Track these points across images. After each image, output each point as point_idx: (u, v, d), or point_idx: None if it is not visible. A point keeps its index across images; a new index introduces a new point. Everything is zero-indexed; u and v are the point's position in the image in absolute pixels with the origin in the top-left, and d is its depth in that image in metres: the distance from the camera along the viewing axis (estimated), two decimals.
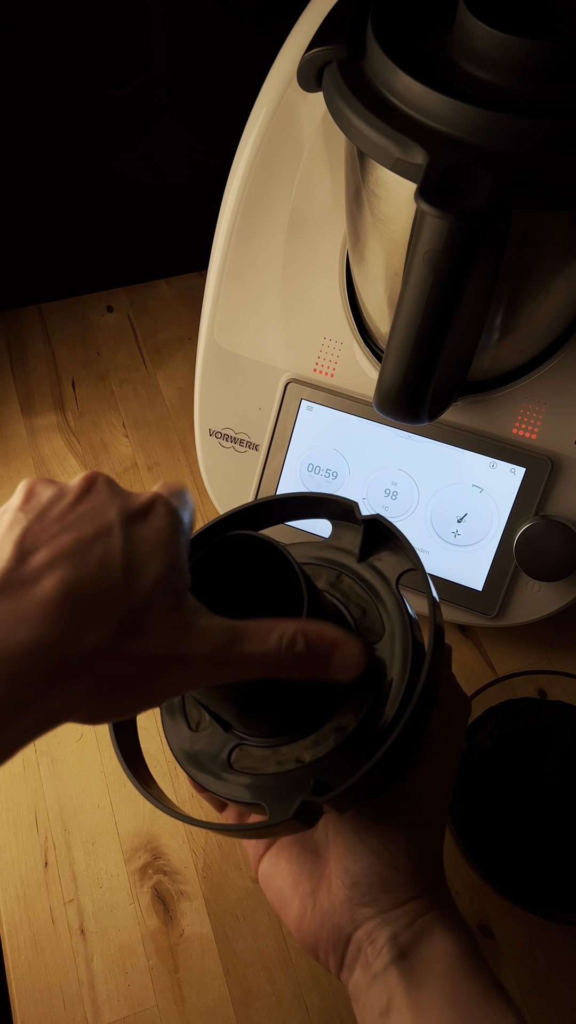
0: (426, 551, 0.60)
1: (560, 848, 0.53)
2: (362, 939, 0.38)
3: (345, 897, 0.38)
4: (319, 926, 0.39)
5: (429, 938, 0.38)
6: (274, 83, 0.54)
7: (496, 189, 0.35)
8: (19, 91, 0.71)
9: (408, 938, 0.38)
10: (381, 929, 0.38)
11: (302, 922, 0.39)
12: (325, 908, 0.39)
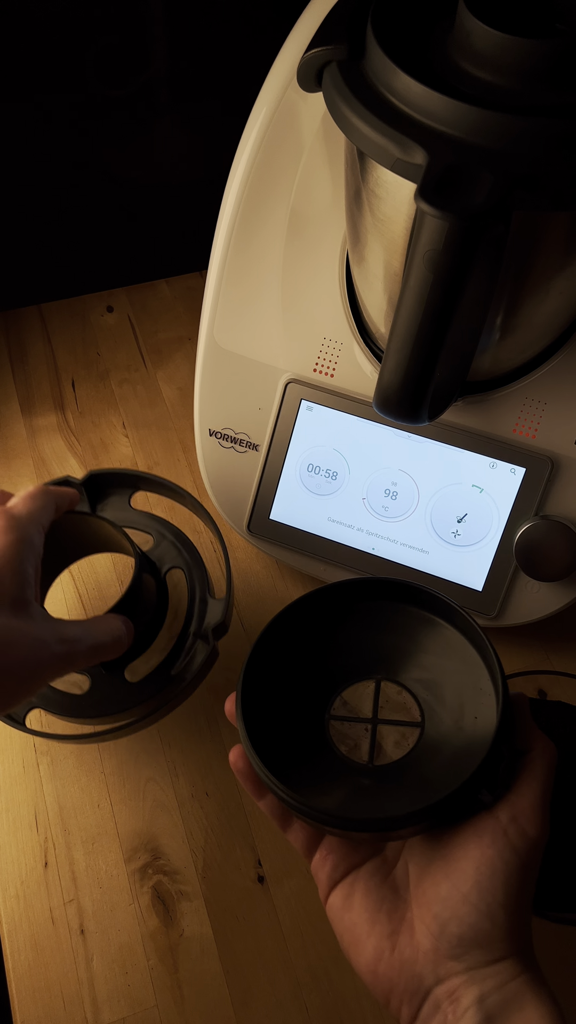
0: (426, 551, 0.60)
1: (560, 848, 0.53)
2: (442, 996, 0.35)
3: (431, 947, 0.36)
4: (396, 973, 0.36)
5: (520, 1008, 0.35)
6: (274, 83, 0.54)
7: (496, 189, 0.35)
8: (19, 91, 0.71)
9: (497, 1003, 0.35)
10: (467, 988, 0.35)
11: (377, 965, 0.37)
12: (406, 955, 0.36)
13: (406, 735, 0.46)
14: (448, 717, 0.46)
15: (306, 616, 0.48)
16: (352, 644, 0.48)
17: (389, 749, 0.45)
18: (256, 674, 0.45)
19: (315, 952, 0.52)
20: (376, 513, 0.61)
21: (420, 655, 0.48)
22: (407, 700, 0.47)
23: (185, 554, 0.62)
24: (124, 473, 0.63)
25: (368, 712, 0.47)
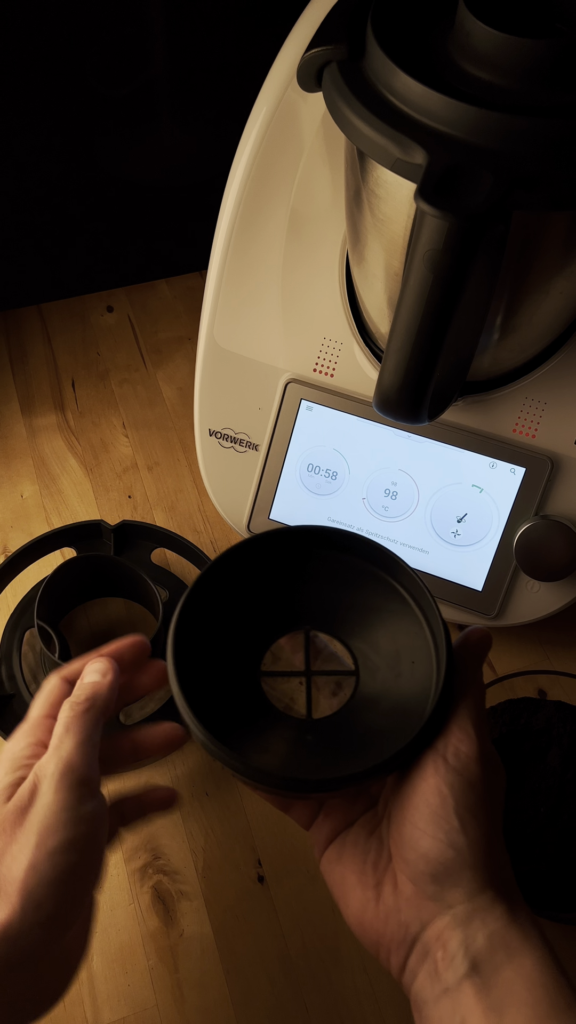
0: (426, 551, 0.60)
1: (560, 848, 0.53)
2: (431, 941, 0.35)
3: (411, 892, 0.36)
4: (383, 923, 0.37)
5: (508, 955, 0.34)
6: (274, 83, 0.54)
7: (496, 189, 0.35)
8: (20, 91, 0.71)
9: (484, 948, 0.34)
10: (452, 931, 0.35)
11: (363, 916, 0.37)
12: (390, 904, 0.37)
13: (341, 684, 0.44)
14: (384, 664, 0.44)
15: (232, 572, 0.45)
16: (279, 596, 0.46)
17: (325, 701, 0.44)
18: (187, 639, 0.42)
19: (315, 952, 0.52)
20: (376, 513, 0.61)
21: (350, 603, 0.46)
22: (339, 649, 0.45)
23: None
24: (153, 528, 0.66)
25: (300, 665, 0.45)
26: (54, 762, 0.37)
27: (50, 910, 0.35)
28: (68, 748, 0.37)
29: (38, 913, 0.34)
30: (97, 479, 0.73)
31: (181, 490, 0.73)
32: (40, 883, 0.35)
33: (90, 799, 0.36)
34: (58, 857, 0.35)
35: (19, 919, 0.34)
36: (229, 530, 0.70)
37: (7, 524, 0.70)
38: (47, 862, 0.35)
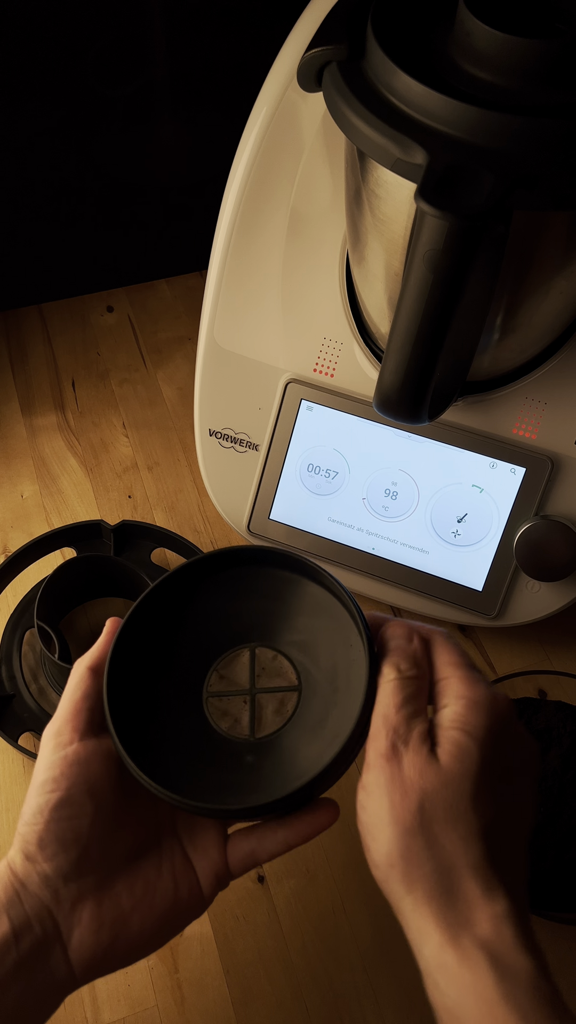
0: (426, 551, 0.60)
1: (560, 848, 0.53)
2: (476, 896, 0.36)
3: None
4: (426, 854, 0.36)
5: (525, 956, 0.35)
6: (274, 83, 0.54)
7: (496, 189, 0.35)
8: (19, 91, 0.71)
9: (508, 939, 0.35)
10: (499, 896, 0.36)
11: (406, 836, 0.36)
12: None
13: (285, 701, 0.44)
14: (323, 678, 0.44)
15: (169, 599, 0.45)
16: (222, 615, 0.46)
17: (269, 718, 0.44)
18: (126, 658, 0.42)
19: (315, 952, 0.52)
20: (376, 513, 0.61)
21: (291, 617, 0.46)
22: (283, 664, 0.45)
23: None
24: (153, 528, 0.66)
25: (246, 683, 0.45)
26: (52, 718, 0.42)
27: (32, 846, 0.38)
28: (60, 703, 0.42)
29: (26, 847, 0.38)
30: (97, 479, 0.73)
31: (181, 490, 0.73)
32: (23, 820, 0.39)
33: (64, 746, 0.40)
34: (33, 797, 0.39)
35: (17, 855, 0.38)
36: (229, 530, 0.70)
37: (7, 524, 0.70)
38: (26, 802, 0.39)
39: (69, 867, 0.38)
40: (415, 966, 0.52)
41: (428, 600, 0.61)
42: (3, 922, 0.37)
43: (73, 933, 0.38)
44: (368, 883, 0.55)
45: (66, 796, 0.39)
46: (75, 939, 0.38)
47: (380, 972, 0.52)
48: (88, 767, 0.39)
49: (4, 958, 0.36)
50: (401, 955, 0.52)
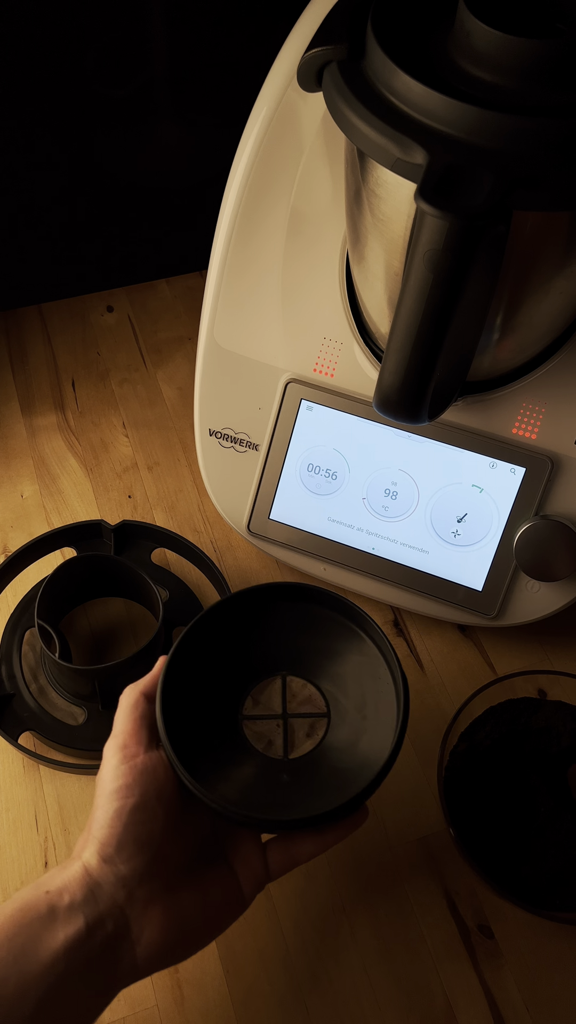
0: (426, 551, 0.60)
1: (560, 848, 0.53)
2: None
3: None
4: None
5: None
6: (274, 83, 0.54)
7: (496, 189, 0.35)
8: (19, 91, 0.71)
9: None
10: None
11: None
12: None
13: (315, 726, 0.49)
14: (351, 706, 0.49)
15: (212, 628, 0.50)
16: (258, 645, 0.51)
17: (301, 741, 0.48)
18: (175, 684, 0.47)
19: (315, 952, 0.52)
20: (376, 513, 0.61)
21: (319, 649, 0.50)
22: (312, 693, 0.50)
23: (194, 613, 0.64)
24: (153, 528, 0.66)
25: (278, 708, 0.50)
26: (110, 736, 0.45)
27: (111, 848, 0.41)
28: (115, 723, 0.46)
29: (103, 849, 0.41)
30: (97, 479, 0.73)
31: (181, 490, 0.73)
32: (99, 824, 0.42)
33: (131, 757, 0.43)
34: (108, 803, 0.42)
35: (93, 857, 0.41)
36: (229, 530, 0.70)
37: (7, 524, 0.70)
38: (100, 808, 0.42)
39: (144, 868, 0.41)
40: (415, 966, 0.52)
41: (428, 600, 0.61)
42: (78, 920, 0.39)
43: (144, 931, 0.41)
44: (368, 883, 0.55)
45: (140, 801, 0.42)
46: (145, 937, 0.41)
47: (380, 972, 0.52)
48: (155, 775, 0.43)
49: (77, 953, 0.39)
50: (401, 955, 0.52)
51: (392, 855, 0.56)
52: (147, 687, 0.47)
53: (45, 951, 0.38)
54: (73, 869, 0.41)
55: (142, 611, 0.66)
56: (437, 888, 0.55)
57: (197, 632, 0.49)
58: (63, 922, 0.39)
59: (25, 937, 0.38)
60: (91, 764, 0.58)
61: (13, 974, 0.38)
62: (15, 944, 0.38)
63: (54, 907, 0.39)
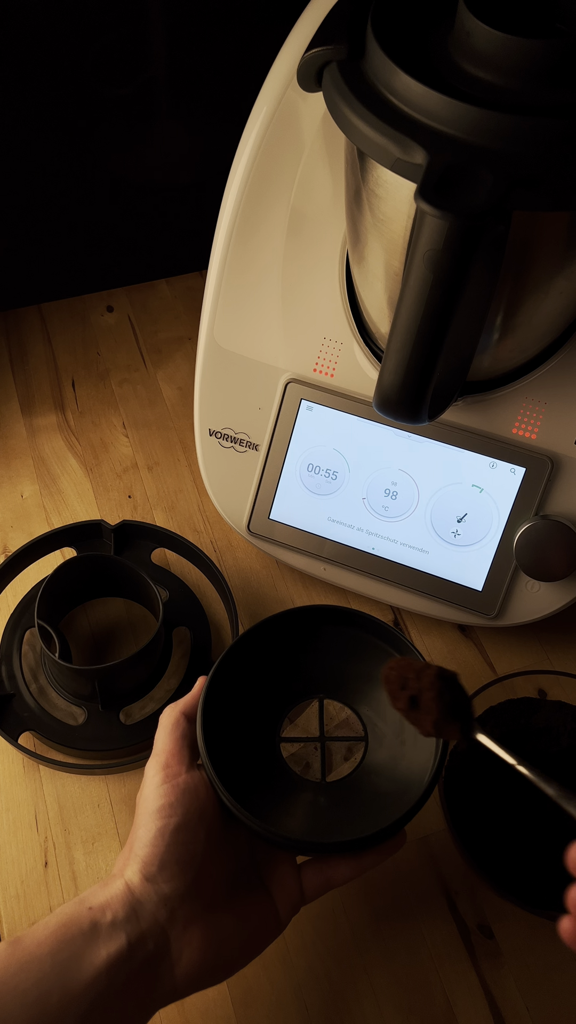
0: (426, 551, 0.60)
1: (560, 848, 0.53)
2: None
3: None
4: None
5: None
6: (274, 83, 0.54)
7: (496, 189, 0.35)
8: (19, 91, 0.71)
9: None
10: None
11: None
12: None
13: (352, 749, 0.49)
14: (389, 731, 0.49)
15: (255, 646, 0.50)
16: (297, 667, 0.51)
17: (338, 764, 0.48)
18: (214, 705, 0.47)
19: (315, 952, 0.52)
20: (376, 513, 0.61)
21: (357, 673, 0.50)
22: (349, 716, 0.50)
23: (194, 614, 0.64)
24: (153, 528, 0.66)
25: (315, 731, 0.50)
26: (151, 755, 0.46)
27: (153, 867, 0.41)
28: (156, 742, 0.46)
29: (145, 868, 0.41)
30: (97, 479, 0.73)
31: (181, 490, 0.73)
32: (142, 843, 0.42)
33: (173, 776, 0.44)
34: (151, 822, 0.42)
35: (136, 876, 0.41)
36: (229, 530, 0.70)
37: (7, 524, 0.70)
38: (143, 826, 0.42)
39: (185, 888, 0.41)
40: (415, 966, 0.52)
41: (428, 600, 0.61)
42: (120, 938, 0.39)
43: (184, 951, 0.41)
44: (368, 883, 0.55)
45: (183, 821, 0.42)
46: (185, 957, 0.41)
47: (380, 972, 0.52)
48: (197, 795, 0.43)
49: (119, 972, 0.39)
50: (401, 955, 0.52)
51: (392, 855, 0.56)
52: (187, 707, 0.47)
53: (88, 967, 0.38)
54: (115, 886, 0.41)
55: (142, 611, 0.66)
56: (437, 888, 0.55)
57: (238, 652, 0.49)
58: (105, 939, 0.39)
59: (69, 952, 0.39)
60: (91, 764, 0.58)
61: (57, 989, 0.38)
62: (59, 959, 0.38)
63: (96, 923, 0.39)
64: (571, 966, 0.52)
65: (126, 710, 0.60)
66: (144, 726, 0.59)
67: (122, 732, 0.59)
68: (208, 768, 0.44)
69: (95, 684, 0.58)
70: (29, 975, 0.38)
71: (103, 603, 0.66)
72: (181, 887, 0.41)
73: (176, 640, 0.64)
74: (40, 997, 0.37)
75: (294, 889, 0.45)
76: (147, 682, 0.61)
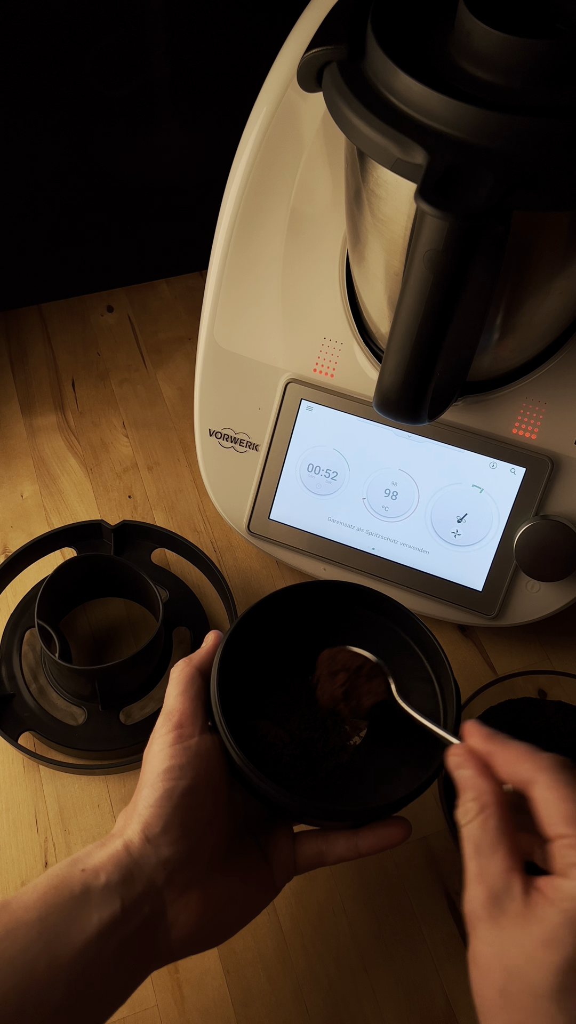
0: (426, 551, 0.60)
1: None
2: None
3: None
4: None
5: None
6: (274, 83, 0.54)
7: (496, 189, 0.35)
8: (19, 91, 0.71)
9: None
10: None
11: None
12: None
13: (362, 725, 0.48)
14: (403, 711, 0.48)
15: (278, 611, 0.49)
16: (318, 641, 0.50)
17: (350, 738, 0.47)
18: (230, 665, 0.46)
19: (315, 952, 0.52)
20: (376, 513, 0.61)
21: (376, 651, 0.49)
22: None
23: (194, 613, 0.63)
24: (153, 528, 0.66)
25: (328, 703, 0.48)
26: (162, 711, 0.44)
27: (156, 828, 0.40)
28: (169, 699, 0.44)
29: (148, 828, 0.40)
30: (97, 479, 0.73)
31: (181, 490, 0.73)
32: (146, 803, 0.41)
33: (186, 738, 0.42)
34: (159, 782, 0.41)
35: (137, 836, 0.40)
36: (229, 530, 0.70)
37: (7, 524, 0.70)
38: (149, 786, 0.41)
39: (187, 853, 0.40)
40: (415, 966, 0.52)
41: (428, 600, 0.61)
42: (114, 902, 0.38)
43: (180, 916, 0.40)
44: (368, 883, 0.55)
45: (192, 785, 0.41)
46: (180, 922, 0.40)
47: (380, 972, 0.52)
48: (208, 760, 0.42)
49: (111, 937, 0.38)
50: (401, 955, 0.52)
51: (392, 855, 0.56)
52: (202, 663, 0.46)
53: (78, 933, 0.37)
54: (112, 847, 0.40)
55: (142, 611, 0.66)
56: (437, 888, 0.55)
57: (261, 611, 0.48)
58: (98, 904, 0.38)
59: (58, 918, 0.37)
60: (91, 764, 0.58)
61: (45, 956, 0.37)
62: (47, 925, 0.37)
63: (89, 887, 0.38)
64: None
65: (126, 710, 0.60)
66: (144, 726, 0.59)
67: (122, 732, 0.59)
68: (223, 729, 0.43)
69: (95, 684, 0.58)
70: (15, 942, 0.37)
71: (103, 603, 0.66)
72: (183, 851, 0.40)
73: (176, 640, 0.64)
74: (27, 964, 0.36)
75: (289, 858, 0.44)
76: (147, 682, 0.61)
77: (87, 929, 0.37)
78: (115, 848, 0.40)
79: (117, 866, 0.39)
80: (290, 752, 0.45)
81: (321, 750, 0.46)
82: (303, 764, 0.46)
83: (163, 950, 0.40)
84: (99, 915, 0.38)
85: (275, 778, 0.43)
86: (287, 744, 0.45)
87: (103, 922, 0.38)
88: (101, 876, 0.39)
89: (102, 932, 0.38)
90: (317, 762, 0.46)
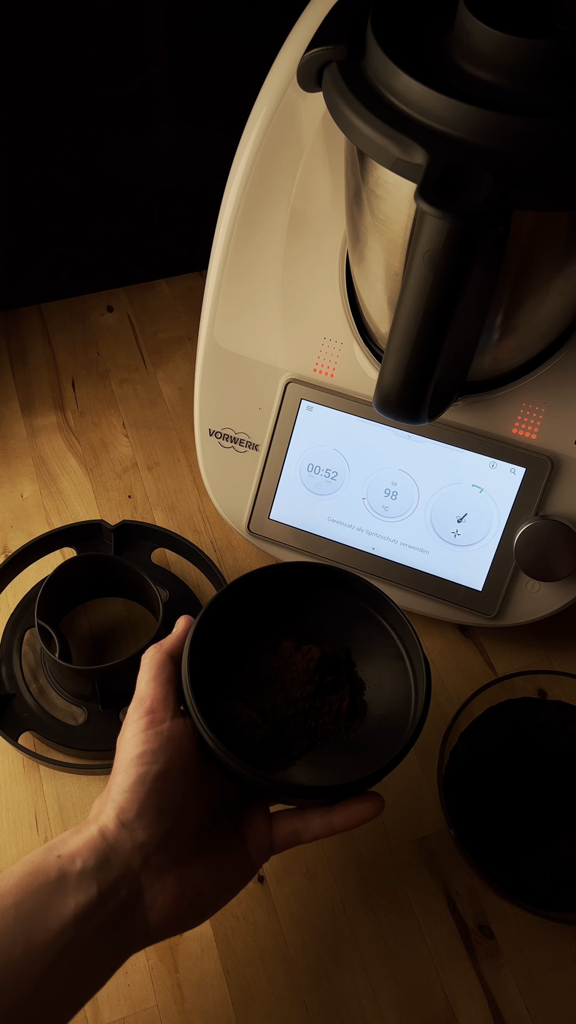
0: (426, 551, 0.60)
1: (560, 848, 0.53)
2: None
3: None
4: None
5: None
6: (274, 83, 0.54)
7: (496, 189, 0.35)
8: (19, 91, 0.71)
9: None
10: None
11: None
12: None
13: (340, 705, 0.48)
14: (378, 693, 0.49)
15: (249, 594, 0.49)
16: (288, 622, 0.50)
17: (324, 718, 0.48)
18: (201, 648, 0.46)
19: (315, 952, 0.52)
20: (376, 513, 0.61)
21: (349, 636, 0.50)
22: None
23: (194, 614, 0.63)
24: (153, 528, 0.66)
25: None
26: (134, 697, 0.45)
27: (131, 813, 0.40)
28: (140, 685, 0.45)
29: (123, 813, 0.40)
30: (97, 479, 0.73)
31: (181, 490, 0.73)
32: (120, 788, 0.41)
33: (158, 723, 0.43)
34: (131, 767, 0.41)
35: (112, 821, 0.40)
36: (229, 530, 0.70)
37: (7, 524, 0.70)
38: (122, 772, 0.41)
39: (163, 836, 0.41)
40: (415, 966, 0.52)
41: (428, 600, 0.61)
42: (90, 887, 0.39)
43: (157, 899, 0.40)
44: (368, 883, 0.55)
45: (165, 769, 0.41)
46: (158, 904, 0.40)
47: (380, 972, 0.52)
48: (181, 744, 0.43)
49: (87, 922, 0.38)
50: (401, 955, 0.52)
51: (392, 855, 0.56)
52: (172, 648, 0.46)
53: (55, 918, 0.38)
54: (88, 832, 0.40)
55: (142, 611, 0.66)
56: (437, 888, 0.55)
57: (231, 595, 0.48)
58: (74, 889, 0.38)
59: (34, 903, 0.38)
60: (91, 764, 0.58)
61: (21, 942, 0.37)
62: (23, 910, 0.38)
63: (65, 872, 0.39)
64: (571, 966, 0.52)
65: (126, 710, 0.60)
66: None
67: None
68: (195, 713, 0.43)
69: (95, 684, 0.58)
70: None
71: (103, 603, 0.66)
72: (158, 834, 0.41)
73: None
74: (3, 949, 0.37)
75: (265, 837, 0.45)
76: None
77: (64, 913, 0.38)
78: (90, 834, 0.40)
79: (93, 851, 0.39)
80: (263, 733, 0.45)
81: (294, 729, 0.47)
82: (276, 744, 0.46)
83: (141, 933, 0.40)
84: (76, 900, 0.38)
85: (248, 759, 0.44)
86: (259, 725, 0.45)
87: (80, 906, 0.38)
88: (77, 862, 0.39)
89: (79, 916, 0.38)
90: (290, 742, 0.46)
